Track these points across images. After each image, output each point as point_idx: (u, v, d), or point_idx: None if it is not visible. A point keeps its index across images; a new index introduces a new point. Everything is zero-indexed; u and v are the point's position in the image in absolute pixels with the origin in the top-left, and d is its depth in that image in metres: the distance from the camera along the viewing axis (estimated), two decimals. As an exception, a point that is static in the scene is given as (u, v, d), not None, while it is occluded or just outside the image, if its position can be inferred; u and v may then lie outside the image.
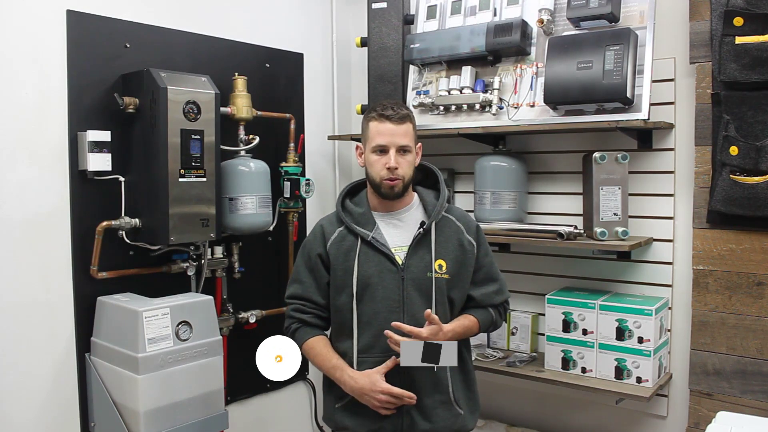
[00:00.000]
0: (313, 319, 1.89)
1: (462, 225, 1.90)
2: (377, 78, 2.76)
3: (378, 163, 1.80)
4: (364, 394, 1.75)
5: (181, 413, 2.08)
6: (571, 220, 2.42)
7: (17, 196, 2.05)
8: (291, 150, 2.75)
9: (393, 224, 1.87)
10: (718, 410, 1.72)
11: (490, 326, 1.95)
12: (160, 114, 2.13)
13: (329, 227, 1.89)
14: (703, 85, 2.23)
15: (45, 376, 2.13)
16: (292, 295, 1.92)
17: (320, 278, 1.87)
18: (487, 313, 1.92)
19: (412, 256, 1.82)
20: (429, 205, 1.89)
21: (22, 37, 2.04)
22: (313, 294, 1.88)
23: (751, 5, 2.07)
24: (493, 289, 1.93)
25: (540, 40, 2.47)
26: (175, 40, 2.42)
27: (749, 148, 2.09)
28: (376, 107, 1.83)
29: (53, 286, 2.14)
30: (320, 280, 1.88)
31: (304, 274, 1.90)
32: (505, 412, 2.81)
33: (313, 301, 1.88)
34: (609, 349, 2.29)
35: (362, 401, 1.77)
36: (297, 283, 1.91)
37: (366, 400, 1.75)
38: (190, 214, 2.24)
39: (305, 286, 1.89)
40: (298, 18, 2.94)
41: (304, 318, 1.89)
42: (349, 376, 1.78)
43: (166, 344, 2.05)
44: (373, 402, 1.74)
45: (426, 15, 2.74)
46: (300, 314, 1.89)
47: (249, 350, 2.71)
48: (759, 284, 2.15)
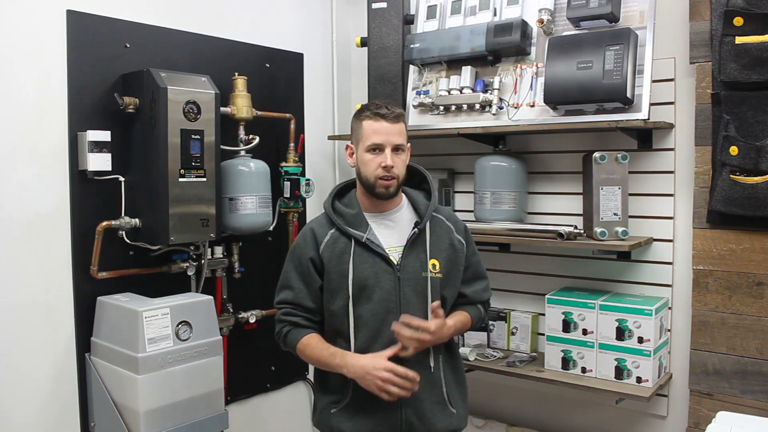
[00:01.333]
0: (304, 321, 1.85)
1: (451, 224, 1.91)
2: (377, 78, 2.76)
3: (373, 162, 1.78)
4: (367, 373, 1.70)
5: (181, 413, 2.08)
6: (571, 220, 2.42)
7: (17, 196, 2.05)
8: (291, 150, 2.75)
9: (385, 225, 1.86)
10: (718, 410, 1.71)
11: (478, 322, 1.96)
12: (160, 114, 2.13)
13: (320, 230, 1.85)
14: (703, 85, 2.23)
15: (45, 376, 2.13)
16: (282, 300, 1.87)
17: (312, 283, 1.83)
18: (477, 309, 1.95)
19: (408, 256, 1.81)
20: (420, 205, 1.88)
21: (22, 37, 2.04)
22: (304, 299, 1.84)
23: (751, 5, 2.07)
24: (481, 286, 1.96)
25: (540, 40, 2.47)
26: (175, 40, 2.42)
27: (749, 148, 2.09)
28: (369, 106, 1.82)
29: (53, 286, 2.14)
30: (312, 285, 1.83)
31: (294, 280, 1.85)
32: (505, 412, 2.81)
33: (304, 307, 1.84)
34: (609, 349, 2.29)
35: (363, 384, 1.71)
36: (287, 289, 1.86)
37: (368, 381, 1.70)
38: (190, 214, 2.24)
39: (296, 291, 1.84)
40: (298, 18, 2.95)
41: (295, 321, 1.85)
42: (350, 356, 1.75)
43: (166, 344, 2.04)
44: (375, 382, 1.68)
45: (426, 15, 2.74)
46: (291, 317, 1.85)
47: (249, 350, 2.73)
48: (759, 284, 2.15)
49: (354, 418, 1.80)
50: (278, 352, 2.34)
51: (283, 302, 1.87)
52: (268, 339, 2.26)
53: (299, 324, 1.84)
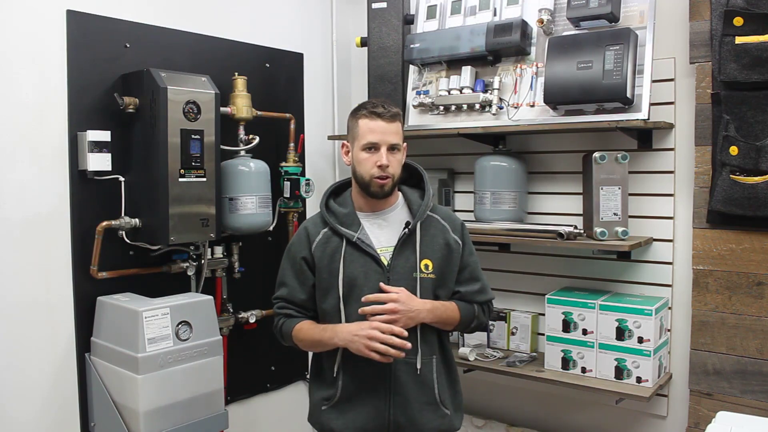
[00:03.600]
0: (297, 313, 1.89)
1: (447, 224, 1.89)
2: (377, 78, 2.76)
3: (368, 161, 1.78)
4: (354, 335, 1.70)
5: (181, 413, 2.09)
6: (571, 220, 2.42)
7: (17, 196, 2.05)
8: (291, 150, 2.75)
9: (378, 224, 1.85)
10: (718, 410, 1.71)
11: (473, 320, 1.90)
12: (160, 114, 2.13)
13: (313, 229, 1.87)
14: (703, 85, 2.23)
15: (45, 376, 2.13)
16: (278, 296, 1.92)
17: (306, 281, 1.86)
18: (471, 306, 1.89)
19: (398, 256, 1.80)
20: (414, 204, 1.88)
21: (22, 37, 2.04)
22: (298, 295, 1.87)
23: (751, 5, 2.07)
24: (476, 288, 1.90)
25: (540, 40, 2.47)
26: (175, 40, 2.42)
27: (749, 148, 2.09)
28: (365, 105, 1.82)
29: (53, 286, 2.14)
30: (306, 283, 1.86)
31: (289, 277, 1.88)
32: (505, 412, 2.81)
33: (298, 302, 1.88)
34: (609, 349, 2.29)
35: (354, 348, 1.71)
36: (283, 286, 1.90)
37: (356, 343, 1.70)
38: (190, 214, 2.24)
39: (290, 288, 1.88)
40: (298, 18, 2.95)
41: (290, 313, 1.89)
42: (340, 326, 1.76)
43: (166, 344, 2.05)
44: (363, 341, 1.69)
45: (426, 15, 2.74)
46: (286, 310, 1.89)
47: (249, 350, 2.73)
48: (759, 284, 2.15)
49: (343, 416, 1.81)
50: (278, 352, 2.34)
51: (278, 298, 1.91)
52: (267, 339, 2.27)
53: (292, 315, 1.89)
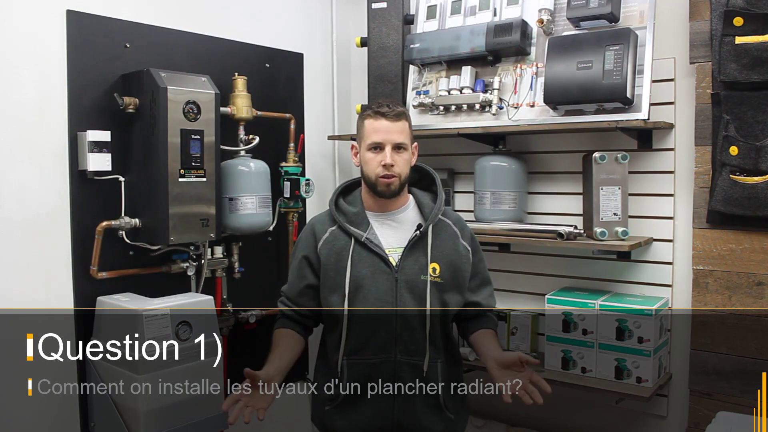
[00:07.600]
0: (291, 313, 1.90)
1: (458, 230, 1.88)
2: (377, 78, 2.75)
3: (373, 161, 1.78)
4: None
5: (181, 413, 2.08)
6: (571, 220, 2.42)
7: (17, 196, 2.05)
8: (291, 150, 2.75)
9: (388, 225, 1.85)
10: (718, 410, 1.72)
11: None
12: (160, 114, 2.13)
13: (320, 227, 1.87)
14: (703, 85, 2.23)
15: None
16: (281, 290, 1.95)
17: (302, 278, 1.86)
18: (494, 321, 1.93)
19: (407, 258, 1.80)
20: (425, 207, 1.87)
21: (22, 37, 2.04)
22: (294, 294, 1.88)
23: (751, 5, 2.07)
24: (489, 292, 1.93)
25: (540, 40, 2.46)
26: (175, 40, 2.42)
27: (749, 148, 2.09)
28: (371, 105, 1.82)
29: (53, 286, 2.14)
30: (302, 280, 1.86)
31: (291, 273, 1.91)
32: (505, 412, 2.81)
33: (293, 298, 1.89)
34: (609, 349, 2.29)
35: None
36: (288, 281, 1.93)
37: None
38: (189, 214, 2.24)
39: (289, 284, 1.91)
40: (298, 18, 2.94)
41: (285, 311, 1.91)
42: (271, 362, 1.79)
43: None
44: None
45: (426, 15, 2.74)
46: (283, 307, 1.91)
47: (249, 350, 2.73)
48: (759, 284, 2.15)
49: (346, 417, 1.81)
50: (278, 352, 2.30)
51: (281, 292, 1.94)
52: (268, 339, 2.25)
53: (285, 314, 1.90)
